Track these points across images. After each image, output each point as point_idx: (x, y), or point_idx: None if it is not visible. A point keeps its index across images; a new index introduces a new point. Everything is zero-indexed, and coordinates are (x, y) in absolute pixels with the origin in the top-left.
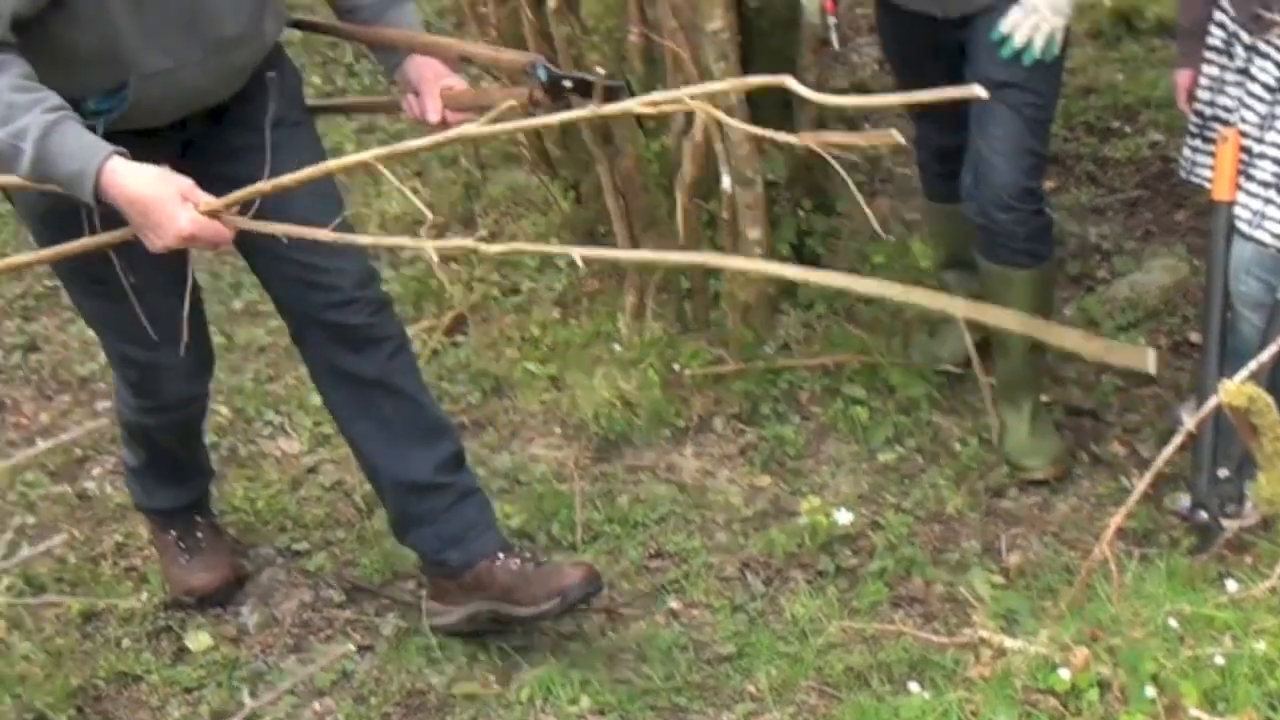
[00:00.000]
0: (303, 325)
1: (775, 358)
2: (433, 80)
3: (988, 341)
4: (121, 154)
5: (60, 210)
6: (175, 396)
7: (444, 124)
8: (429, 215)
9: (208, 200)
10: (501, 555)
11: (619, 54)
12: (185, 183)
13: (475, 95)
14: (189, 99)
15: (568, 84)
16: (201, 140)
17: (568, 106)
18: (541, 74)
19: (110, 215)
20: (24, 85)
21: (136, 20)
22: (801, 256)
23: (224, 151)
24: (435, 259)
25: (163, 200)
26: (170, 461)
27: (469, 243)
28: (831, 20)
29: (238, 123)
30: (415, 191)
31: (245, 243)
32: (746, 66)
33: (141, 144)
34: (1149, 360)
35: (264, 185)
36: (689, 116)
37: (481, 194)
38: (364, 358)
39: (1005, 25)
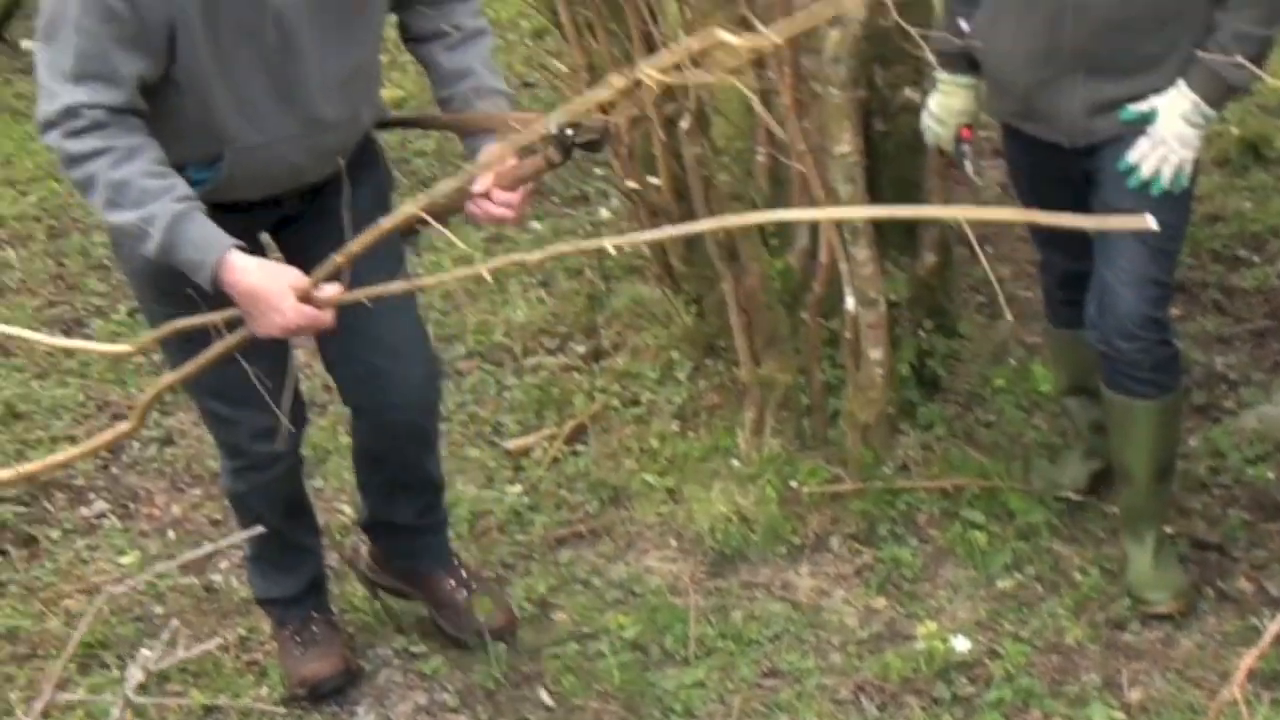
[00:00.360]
0: (359, 414)
1: (894, 478)
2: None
3: (1111, 469)
4: (241, 247)
5: (170, 271)
6: (263, 455)
7: (488, 197)
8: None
9: (301, 281)
10: (443, 572)
11: (747, 174)
12: (293, 275)
13: (514, 170)
14: (282, 176)
15: (568, 133)
16: (294, 219)
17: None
18: (552, 126)
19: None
20: (157, 171)
21: (233, 94)
22: (921, 378)
23: (315, 233)
24: (490, 278)
25: (271, 294)
26: (278, 541)
27: (516, 257)
28: (967, 148)
29: (329, 207)
30: (540, 301)
31: (321, 339)
32: (873, 189)
33: (235, 218)
34: (1150, 221)
35: (339, 258)
36: (814, 236)
37: (605, 305)
38: (402, 448)
39: (1133, 155)
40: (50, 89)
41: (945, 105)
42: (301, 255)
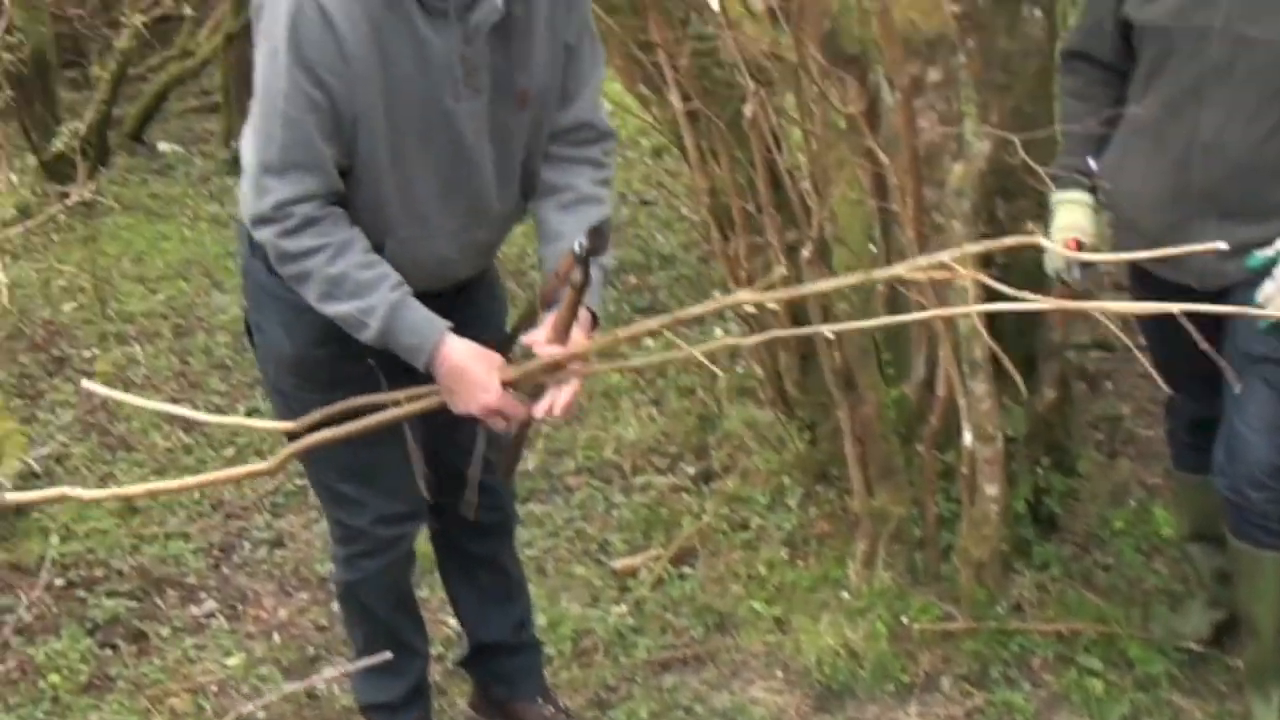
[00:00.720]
0: (443, 512)
1: (1007, 619)
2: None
3: (1235, 620)
4: (451, 329)
5: (314, 358)
6: (381, 540)
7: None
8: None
9: (506, 369)
10: (539, 700)
11: (866, 302)
12: (497, 360)
13: (553, 322)
14: (435, 270)
15: (582, 245)
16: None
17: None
18: (576, 247)
19: (389, 364)
20: (369, 262)
21: (402, 188)
22: (1038, 516)
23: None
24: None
25: (479, 373)
26: (385, 634)
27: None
28: (1074, 255)
29: (471, 300)
30: (651, 419)
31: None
32: (993, 323)
33: None
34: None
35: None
36: (931, 368)
37: (716, 426)
38: (483, 542)
39: (1261, 297)
40: (260, 183)
41: (1057, 222)
42: None
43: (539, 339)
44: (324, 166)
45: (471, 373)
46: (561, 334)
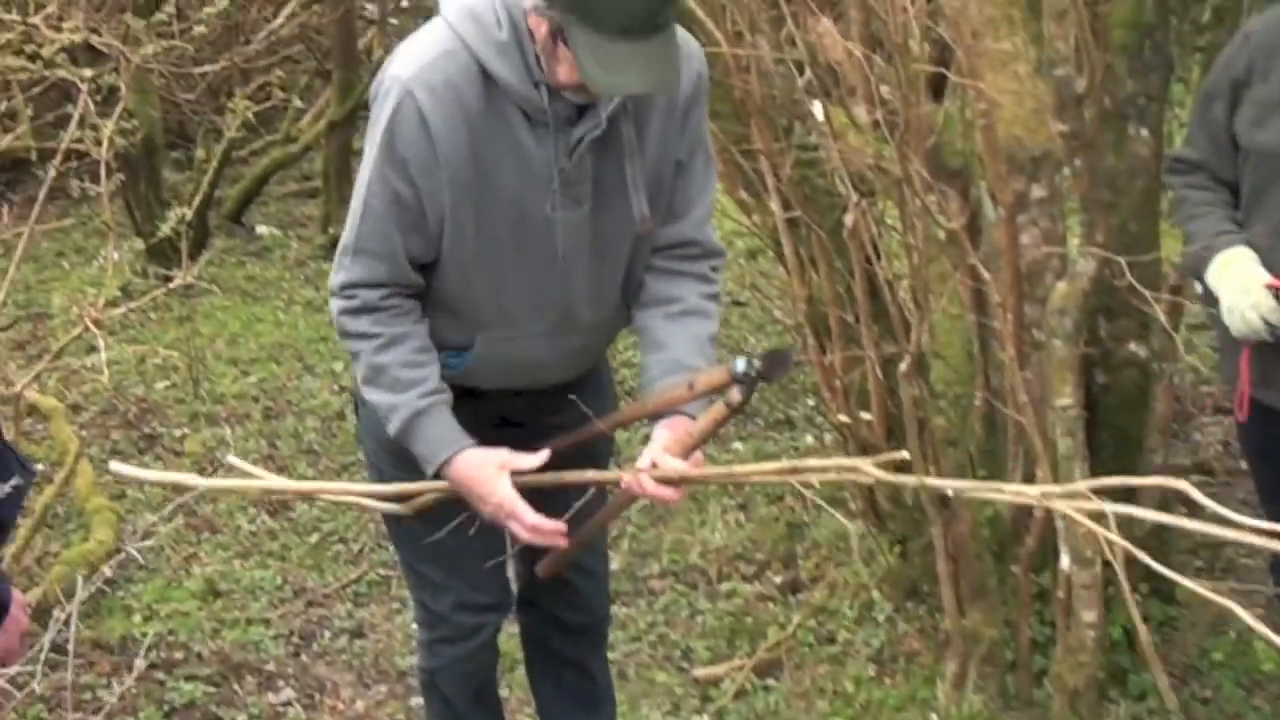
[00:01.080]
0: (533, 609)
1: None
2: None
3: None
4: (470, 446)
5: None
6: (464, 627)
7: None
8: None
9: (518, 465)
10: None
11: (963, 419)
12: (502, 462)
13: (689, 433)
14: (528, 370)
15: (755, 367)
16: (522, 416)
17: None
18: (740, 366)
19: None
20: (414, 361)
21: (493, 288)
22: (1135, 644)
23: (540, 431)
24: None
25: (483, 481)
26: None
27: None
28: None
29: (574, 399)
30: (739, 525)
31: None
32: (1092, 444)
33: (466, 404)
34: None
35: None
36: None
37: (805, 535)
38: (572, 643)
39: None
40: (339, 260)
41: (1232, 279)
42: (522, 449)
43: (660, 451)
44: (395, 258)
45: (476, 482)
46: (688, 450)
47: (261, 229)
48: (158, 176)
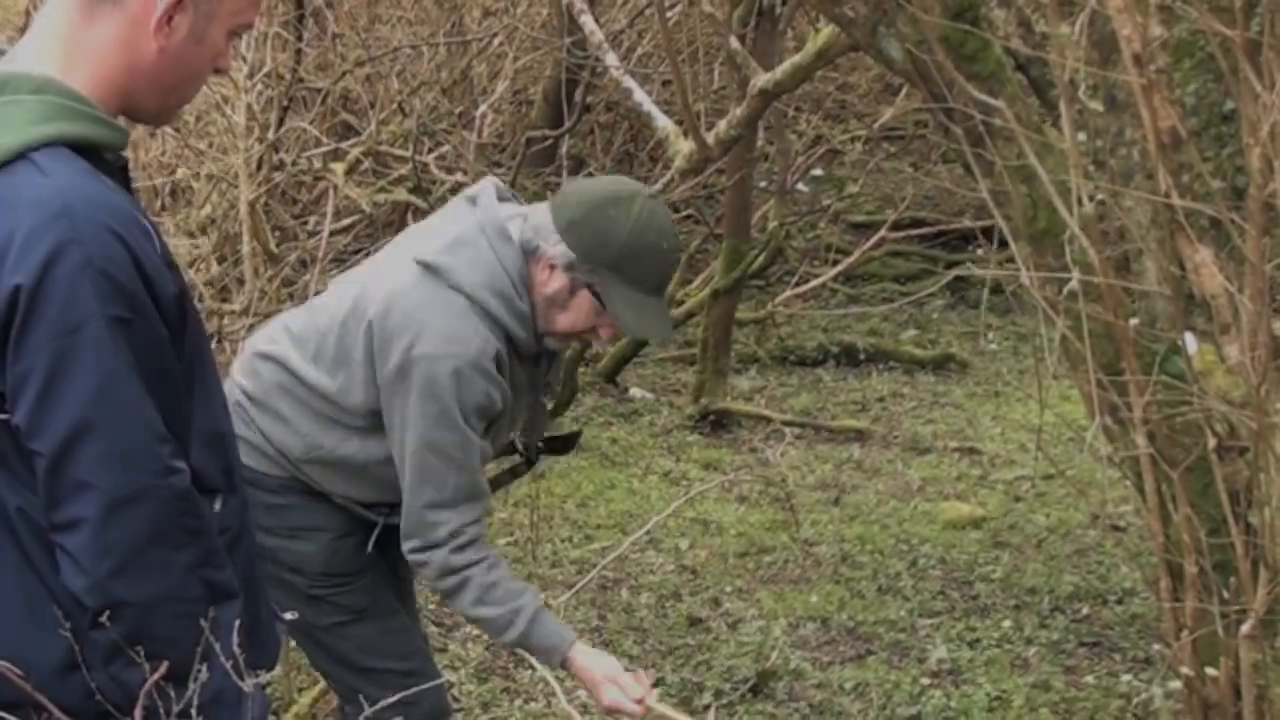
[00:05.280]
0: None
1: None
2: None
3: None
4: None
5: (342, 556)
6: (433, 708)
7: None
8: None
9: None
10: None
11: None
12: (614, 669)
13: None
14: None
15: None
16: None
17: None
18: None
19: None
20: (511, 575)
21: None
22: None
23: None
24: None
25: (596, 683)
26: None
27: None
28: None
29: None
30: None
31: None
32: None
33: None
34: None
35: None
36: None
37: None
38: None
39: None
40: (428, 519)
41: None
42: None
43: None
44: (488, 492)
45: (593, 682)
46: None
47: (634, 391)
48: None
